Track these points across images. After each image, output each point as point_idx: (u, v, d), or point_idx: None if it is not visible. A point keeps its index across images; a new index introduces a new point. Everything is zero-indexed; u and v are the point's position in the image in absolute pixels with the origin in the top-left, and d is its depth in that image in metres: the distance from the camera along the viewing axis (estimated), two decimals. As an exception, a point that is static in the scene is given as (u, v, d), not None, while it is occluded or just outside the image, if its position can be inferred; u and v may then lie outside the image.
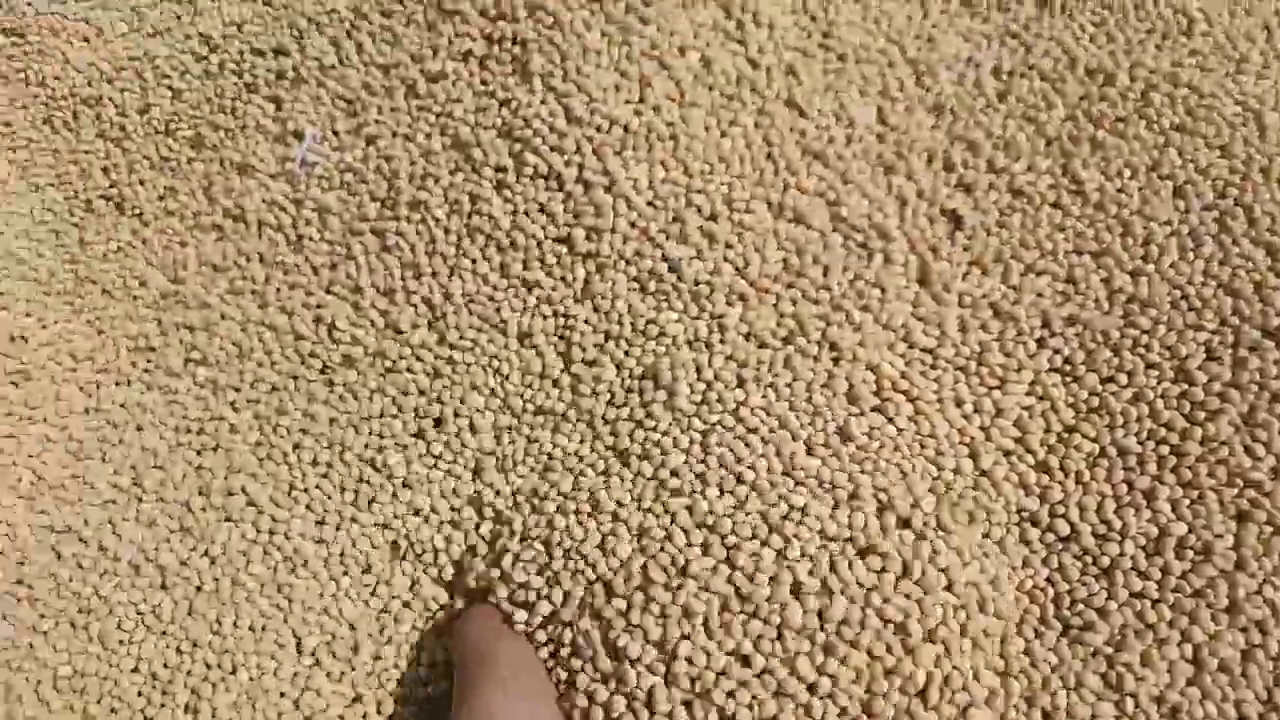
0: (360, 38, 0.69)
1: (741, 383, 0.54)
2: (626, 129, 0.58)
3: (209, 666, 0.53)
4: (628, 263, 0.57)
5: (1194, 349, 0.56)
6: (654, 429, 0.53)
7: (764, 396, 0.53)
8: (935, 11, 0.67)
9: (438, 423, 0.58)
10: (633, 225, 0.57)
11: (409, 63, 0.66)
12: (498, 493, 0.56)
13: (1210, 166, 0.59)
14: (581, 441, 0.55)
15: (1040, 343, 0.57)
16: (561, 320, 0.58)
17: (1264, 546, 0.51)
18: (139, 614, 0.54)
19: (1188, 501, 0.53)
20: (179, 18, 0.76)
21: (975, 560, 0.50)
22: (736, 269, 0.57)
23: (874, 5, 0.66)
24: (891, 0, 0.67)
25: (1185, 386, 0.55)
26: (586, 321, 0.57)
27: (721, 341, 0.55)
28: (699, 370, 0.54)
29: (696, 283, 0.56)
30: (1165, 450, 0.54)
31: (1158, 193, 0.59)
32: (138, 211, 0.70)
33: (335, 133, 0.67)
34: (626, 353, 0.56)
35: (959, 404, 0.56)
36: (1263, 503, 0.52)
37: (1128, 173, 0.60)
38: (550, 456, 0.56)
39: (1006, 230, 0.59)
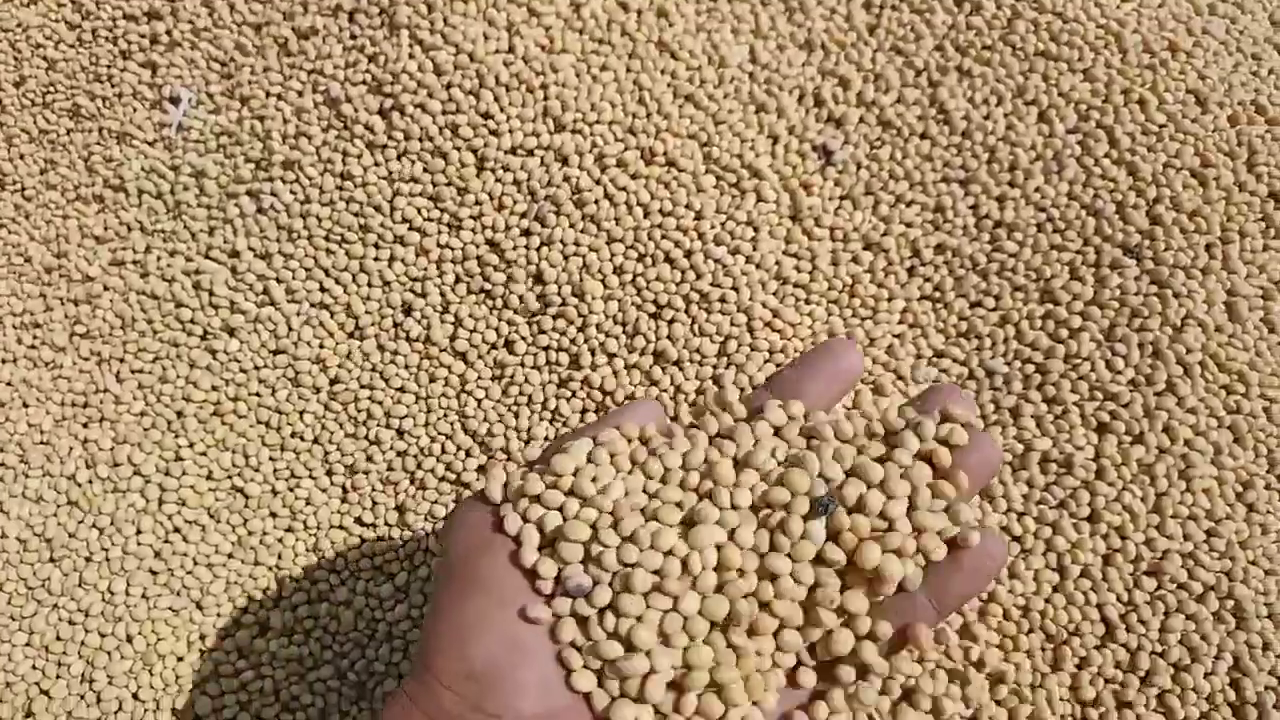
0: (231, -3, 0.68)
1: (625, 324, 0.55)
2: (497, 80, 0.58)
3: (102, 636, 0.54)
4: (498, 212, 0.57)
5: (1058, 270, 0.57)
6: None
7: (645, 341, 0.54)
8: (808, -53, 0.67)
9: (333, 384, 0.58)
10: (499, 181, 0.57)
11: (279, 20, 0.65)
12: (397, 453, 0.57)
13: (1073, 90, 0.60)
14: (465, 382, 0.56)
15: (910, 271, 0.59)
16: (437, 277, 0.58)
17: (1122, 456, 0.53)
18: (29, 588, 0.54)
19: (1051, 417, 0.55)
20: (51, -15, 0.74)
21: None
22: (610, 219, 0.57)
23: (746, -57, 0.66)
24: (764, -62, 0.67)
25: (1049, 306, 0.57)
26: (458, 279, 0.57)
27: (600, 276, 0.56)
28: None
29: (564, 242, 0.56)
30: (1030, 369, 0.56)
31: (1022, 118, 0.60)
32: (19, 187, 0.69)
33: (210, 95, 0.66)
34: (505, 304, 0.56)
35: (832, 335, 0.57)
36: (1121, 414, 0.54)
37: (994, 100, 0.61)
38: (451, 405, 0.56)
39: (876, 163, 0.60)
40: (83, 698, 0.52)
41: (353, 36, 0.62)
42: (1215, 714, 0.51)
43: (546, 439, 0.56)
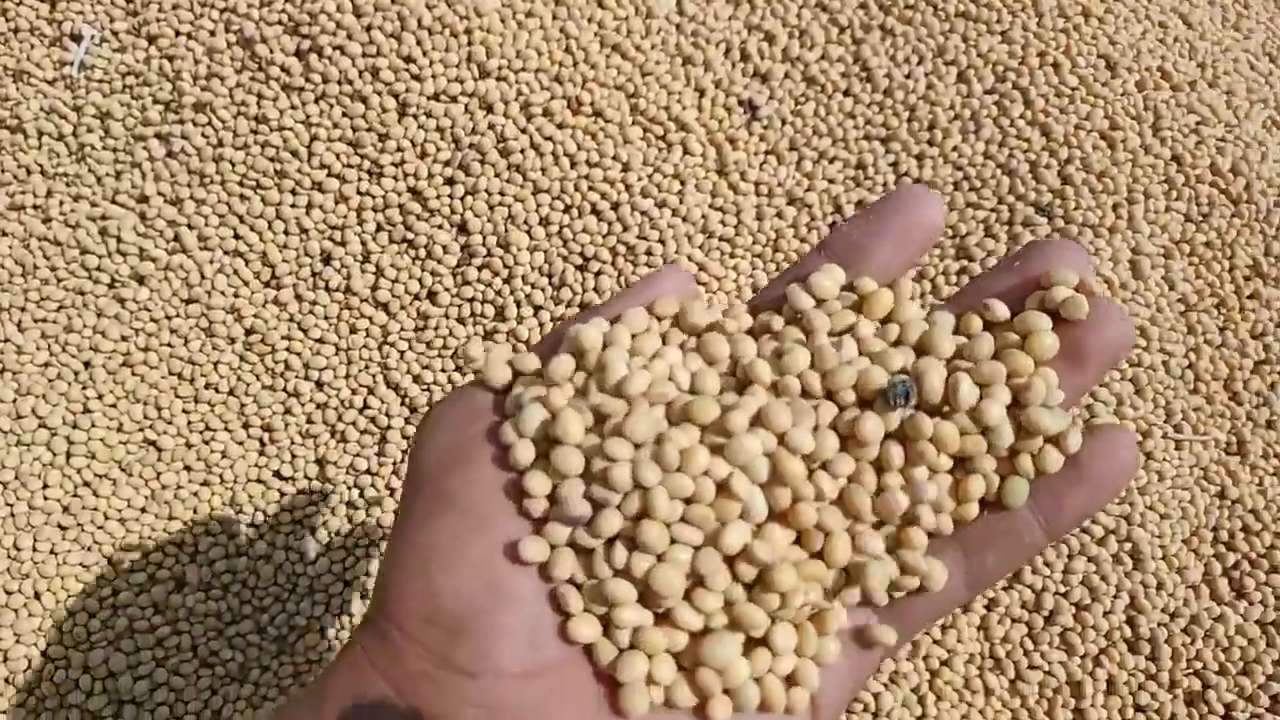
0: (136, -69, 0.64)
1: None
2: (419, 23, 0.57)
3: (8, 594, 0.52)
4: (421, 160, 0.56)
5: (973, 226, 0.59)
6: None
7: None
8: (735, -100, 0.67)
9: (249, 334, 0.57)
10: (421, 128, 0.56)
11: (189, -43, 0.62)
12: (317, 405, 0.56)
13: (991, 51, 0.62)
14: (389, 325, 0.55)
15: (832, 226, 0.59)
16: (357, 226, 0.57)
17: (1031, 407, 0.55)
18: (-73, 545, 0.52)
19: (965, 370, 0.56)
20: (-64, -89, 0.69)
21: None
22: (536, 170, 0.56)
23: (673, -106, 0.65)
24: (692, -111, 0.66)
25: (965, 263, 0.58)
26: (380, 228, 0.56)
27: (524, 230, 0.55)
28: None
29: (489, 191, 0.55)
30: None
31: (942, 78, 0.61)
32: (-95, 126, 0.65)
33: (114, 33, 0.63)
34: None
35: (755, 289, 0.57)
36: (1031, 367, 0.56)
37: (915, 59, 0.62)
38: (373, 357, 0.56)
39: (801, 119, 0.61)
40: (-13, 656, 0.51)
41: (268, -25, 0.60)
42: (1113, 649, 0.54)
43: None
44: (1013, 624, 0.54)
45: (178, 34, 0.61)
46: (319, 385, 0.57)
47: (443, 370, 0.56)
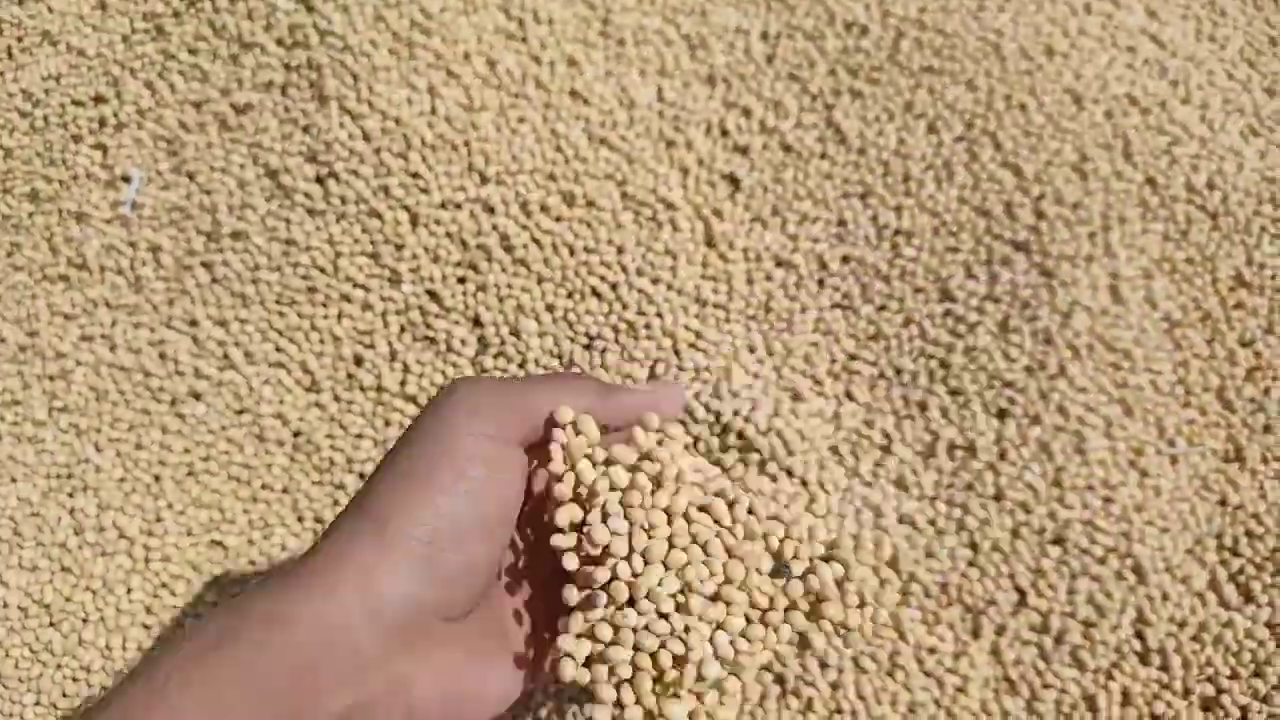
0: (171, 78, 0.72)
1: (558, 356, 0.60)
2: (422, 141, 0.63)
3: (105, 690, 0.58)
4: (434, 264, 0.62)
5: (954, 269, 0.62)
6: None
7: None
8: (707, -17, 0.71)
9: (296, 436, 0.63)
10: (432, 235, 0.62)
11: (217, 97, 0.69)
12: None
13: (957, 101, 0.65)
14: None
15: (820, 283, 0.63)
16: (383, 329, 0.62)
17: (1021, 437, 0.58)
18: (33, 652, 0.59)
19: (955, 407, 0.60)
20: (1, 74, 0.78)
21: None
22: (538, 261, 0.62)
23: (648, -14, 0.70)
24: (666, -22, 0.71)
25: (948, 305, 0.62)
26: (403, 329, 0.62)
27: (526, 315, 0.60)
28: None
29: (498, 285, 0.61)
30: (934, 364, 0.61)
31: (912, 132, 0.65)
32: (-12, 271, 0.73)
33: (159, 172, 0.70)
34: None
35: (752, 350, 0.62)
36: (1018, 399, 0.59)
37: (885, 117, 0.66)
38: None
39: (781, 185, 0.65)
40: (91, 748, 0.57)
41: (286, 110, 0.66)
42: (1124, 663, 0.57)
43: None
44: (1023, 646, 0.57)
45: (212, 170, 0.68)
46: (361, 477, 0.62)
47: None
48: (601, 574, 0.36)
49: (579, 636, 0.36)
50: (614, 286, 0.62)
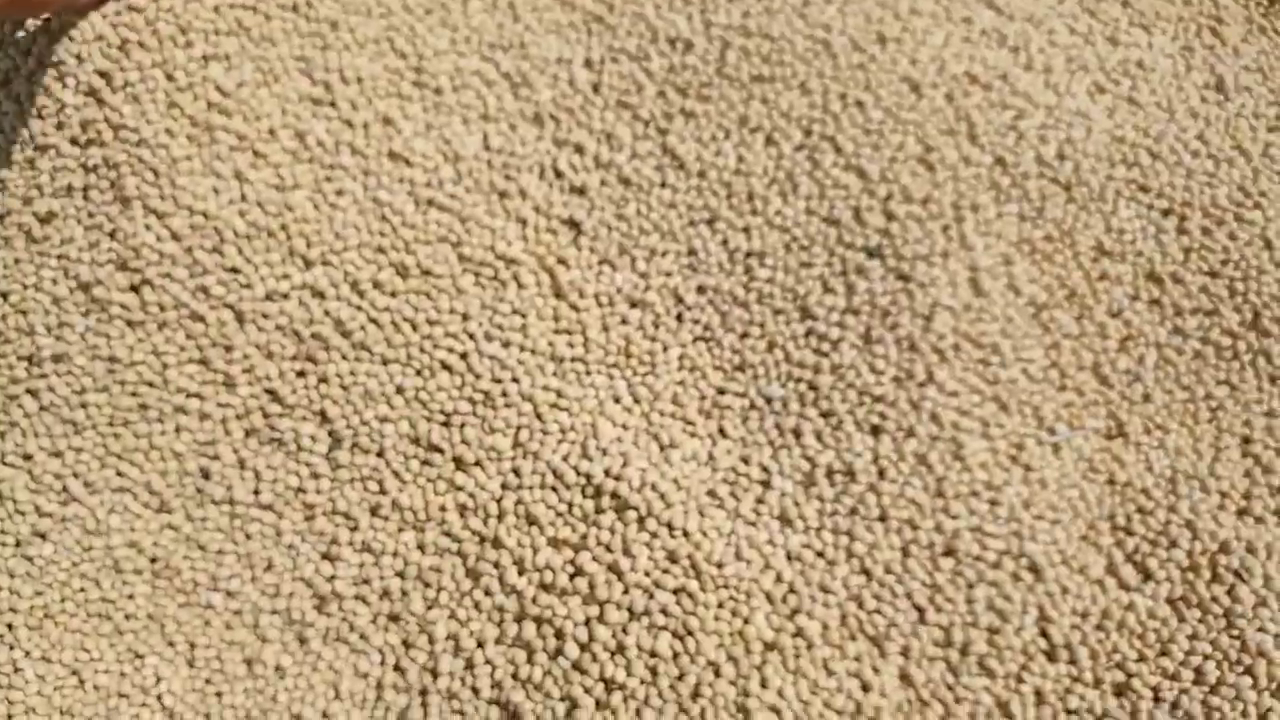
0: (-32, 190, 0.67)
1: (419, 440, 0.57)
2: (235, 232, 0.59)
3: None
4: (269, 360, 0.58)
5: (811, 285, 0.60)
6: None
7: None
8: (524, 11, 0.68)
9: (153, 562, 0.59)
10: (261, 330, 0.58)
11: (19, 207, 0.64)
12: (233, 612, 0.58)
13: (792, 108, 0.63)
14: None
15: (678, 318, 0.61)
16: (225, 438, 0.59)
17: (898, 453, 0.57)
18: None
19: (829, 429, 0.58)
20: None
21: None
22: (379, 342, 0.58)
23: (462, 25, 0.66)
24: (481, 12, 0.68)
25: (810, 323, 0.60)
26: (248, 433, 0.58)
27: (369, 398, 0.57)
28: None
29: (340, 375, 0.57)
30: (803, 387, 0.59)
31: (750, 147, 0.63)
32: None
33: (-30, 296, 0.65)
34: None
35: (617, 400, 0.59)
36: (889, 413, 0.57)
37: (721, 135, 0.63)
38: (272, 556, 0.58)
39: (625, 221, 0.62)
40: None
41: (90, 215, 0.62)
42: (1032, 664, 0.56)
43: (362, 565, 0.57)
44: (930, 664, 0.56)
45: (25, 287, 0.63)
46: (229, 594, 0.59)
47: (341, 559, 0.58)
48: None
49: None
50: (464, 357, 0.58)
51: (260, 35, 0.63)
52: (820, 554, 0.56)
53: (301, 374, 0.58)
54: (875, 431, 0.57)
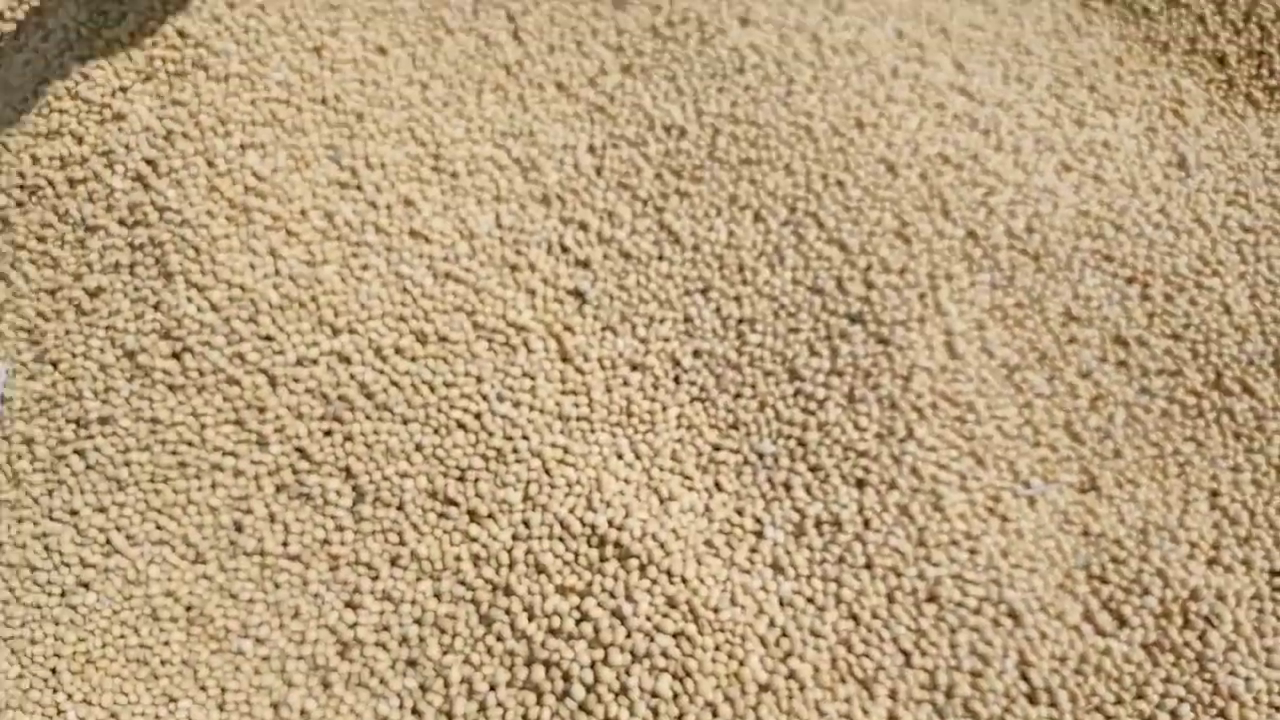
0: (24, 268, 0.73)
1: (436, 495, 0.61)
2: (269, 304, 0.64)
3: None
4: (299, 420, 0.63)
5: (798, 349, 0.65)
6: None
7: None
8: (534, 103, 0.74)
9: (189, 610, 0.63)
10: (292, 393, 0.63)
11: (70, 283, 0.70)
12: (261, 659, 0.62)
13: (778, 188, 0.68)
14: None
15: (676, 380, 0.66)
16: (257, 493, 0.63)
17: (881, 504, 0.61)
18: None
19: (817, 483, 0.62)
20: None
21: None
22: (400, 403, 0.63)
23: (476, 115, 0.73)
24: (494, 104, 0.74)
25: (798, 384, 0.64)
26: (279, 489, 0.63)
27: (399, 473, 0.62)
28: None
29: (364, 434, 0.62)
30: (793, 443, 0.63)
31: (740, 223, 0.68)
32: None
33: (23, 364, 0.71)
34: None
35: (620, 456, 0.63)
36: (873, 467, 0.61)
37: (713, 212, 0.69)
38: (298, 603, 0.62)
39: (625, 291, 0.67)
40: None
41: (136, 289, 0.67)
42: (1014, 707, 0.59)
43: (382, 613, 0.61)
44: (917, 705, 0.59)
45: (74, 356, 0.69)
46: (258, 641, 0.63)
47: (363, 607, 0.62)
48: None
49: None
50: (477, 416, 0.63)
51: (293, 125, 0.69)
52: (810, 600, 0.59)
53: (329, 433, 0.63)
54: (860, 484, 0.61)
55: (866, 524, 0.60)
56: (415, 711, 0.61)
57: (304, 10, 0.74)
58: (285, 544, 0.63)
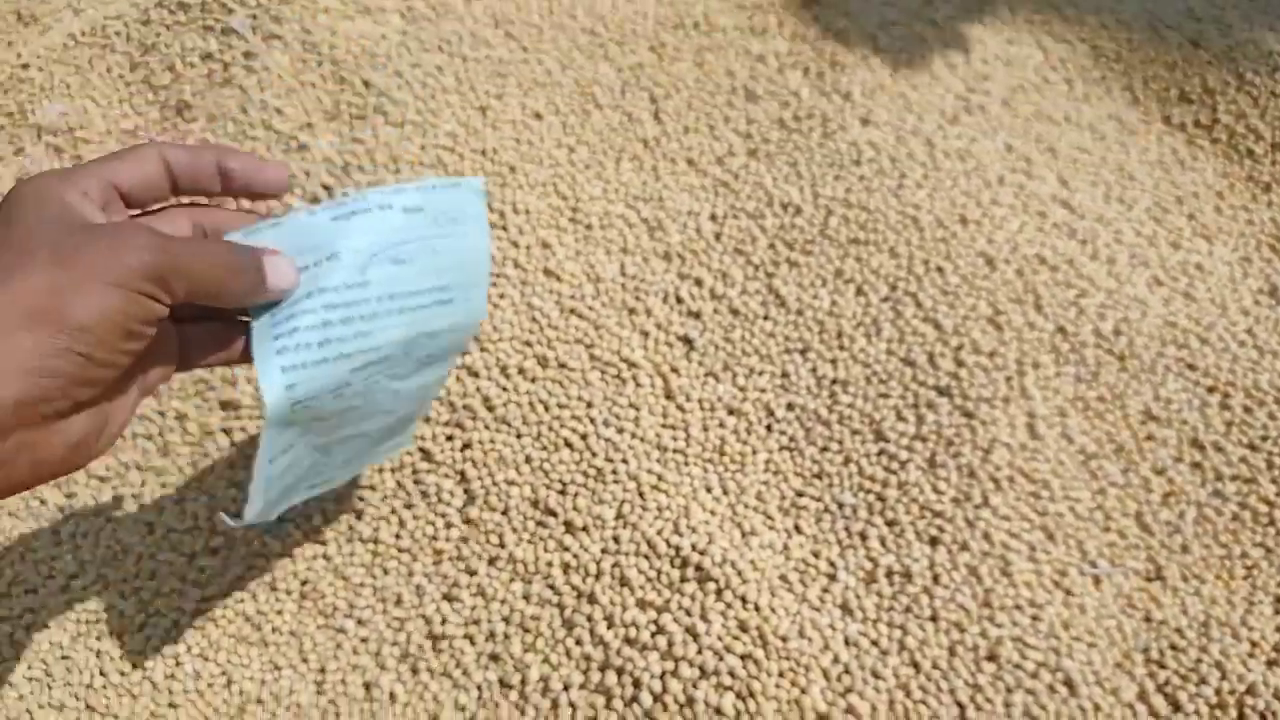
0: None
1: (545, 510, 0.67)
2: (414, 316, 0.72)
3: (120, 824, 0.63)
4: (425, 423, 0.70)
5: (886, 413, 0.70)
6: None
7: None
8: (665, 174, 0.82)
9: (303, 584, 0.70)
10: (424, 394, 0.70)
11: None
12: (360, 639, 0.68)
13: (881, 267, 0.75)
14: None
15: (768, 428, 0.71)
16: (380, 485, 0.70)
17: (951, 562, 0.64)
18: (57, 790, 0.64)
19: (892, 536, 0.66)
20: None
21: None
22: (517, 419, 0.70)
23: (613, 179, 0.81)
24: (630, 171, 0.83)
25: (882, 444, 0.69)
26: (399, 484, 0.69)
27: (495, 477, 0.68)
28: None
29: (481, 442, 0.69)
30: (872, 498, 0.67)
31: (843, 294, 0.74)
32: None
33: (189, 353, 0.80)
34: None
35: (709, 490, 0.69)
36: (947, 527, 0.65)
37: (819, 282, 0.75)
38: (402, 593, 0.68)
39: (730, 343, 0.74)
40: None
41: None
42: (1063, 775, 0.61)
43: (474, 608, 0.67)
44: (968, 760, 0.61)
45: (235, 348, 0.77)
46: (360, 623, 0.69)
47: (458, 600, 0.68)
48: None
49: None
50: (584, 437, 0.69)
51: (454, 170, 0.79)
52: (875, 643, 0.63)
53: (450, 437, 0.70)
54: (933, 542, 0.65)
55: (936, 579, 0.64)
56: (493, 703, 0.65)
57: (475, 75, 0.84)
58: (398, 536, 0.70)
